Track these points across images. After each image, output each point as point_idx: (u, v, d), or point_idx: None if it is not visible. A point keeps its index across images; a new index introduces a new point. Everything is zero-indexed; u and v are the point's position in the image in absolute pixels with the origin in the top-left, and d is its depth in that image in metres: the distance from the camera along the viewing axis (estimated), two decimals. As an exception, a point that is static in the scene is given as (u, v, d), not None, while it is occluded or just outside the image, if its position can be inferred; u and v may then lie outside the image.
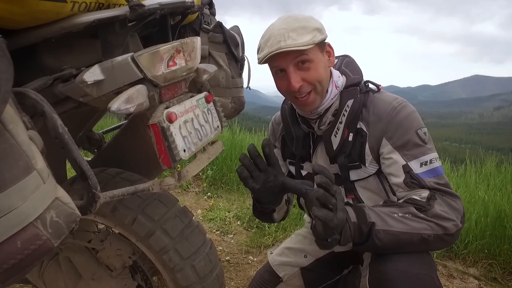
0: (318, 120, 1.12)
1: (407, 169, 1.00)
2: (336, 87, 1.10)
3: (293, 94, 1.06)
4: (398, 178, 1.01)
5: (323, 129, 1.12)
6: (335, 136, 1.09)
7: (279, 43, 0.99)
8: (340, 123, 1.08)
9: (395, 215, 0.92)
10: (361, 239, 0.91)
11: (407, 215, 0.92)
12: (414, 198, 0.97)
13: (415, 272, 0.90)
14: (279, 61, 1.03)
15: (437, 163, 1.01)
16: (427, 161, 1.00)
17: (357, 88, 1.10)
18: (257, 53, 1.08)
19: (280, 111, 1.30)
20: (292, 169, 1.29)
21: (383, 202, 1.03)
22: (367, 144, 1.06)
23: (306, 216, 1.53)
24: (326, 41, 1.07)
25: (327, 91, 1.08)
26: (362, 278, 1.01)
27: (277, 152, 1.36)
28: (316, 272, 1.33)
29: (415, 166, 0.99)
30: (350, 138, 1.07)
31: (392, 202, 1.00)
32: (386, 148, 1.03)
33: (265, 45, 1.02)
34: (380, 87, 1.12)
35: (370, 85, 1.13)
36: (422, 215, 0.92)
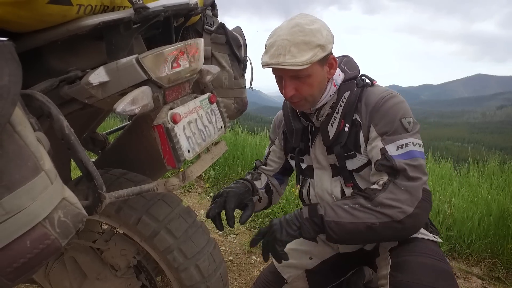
0: (316, 112, 1.17)
1: (383, 152, 1.04)
2: (335, 85, 1.14)
3: (286, 97, 1.13)
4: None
5: (321, 120, 1.17)
6: (332, 126, 1.14)
7: (278, 56, 1.02)
8: (337, 113, 1.13)
9: (346, 206, 1.03)
10: (320, 229, 1.04)
11: (356, 205, 1.02)
12: (368, 188, 1.04)
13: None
14: (277, 72, 1.09)
15: (414, 147, 1.04)
16: (403, 144, 1.03)
17: (353, 81, 1.15)
18: (264, 51, 1.10)
19: (282, 108, 1.34)
20: (293, 163, 1.33)
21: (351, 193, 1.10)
22: (361, 132, 1.11)
23: None
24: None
25: (325, 89, 1.13)
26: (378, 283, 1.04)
27: (274, 148, 1.42)
28: (321, 275, 1.33)
29: (392, 149, 1.04)
30: (346, 129, 1.12)
31: (351, 195, 1.07)
32: (372, 134, 1.08)
33: (269, 51, 1.06)
34: (374, 82, 1.17)
35: (366, 80, 1.18)
36: (368, 205, 1.00)
